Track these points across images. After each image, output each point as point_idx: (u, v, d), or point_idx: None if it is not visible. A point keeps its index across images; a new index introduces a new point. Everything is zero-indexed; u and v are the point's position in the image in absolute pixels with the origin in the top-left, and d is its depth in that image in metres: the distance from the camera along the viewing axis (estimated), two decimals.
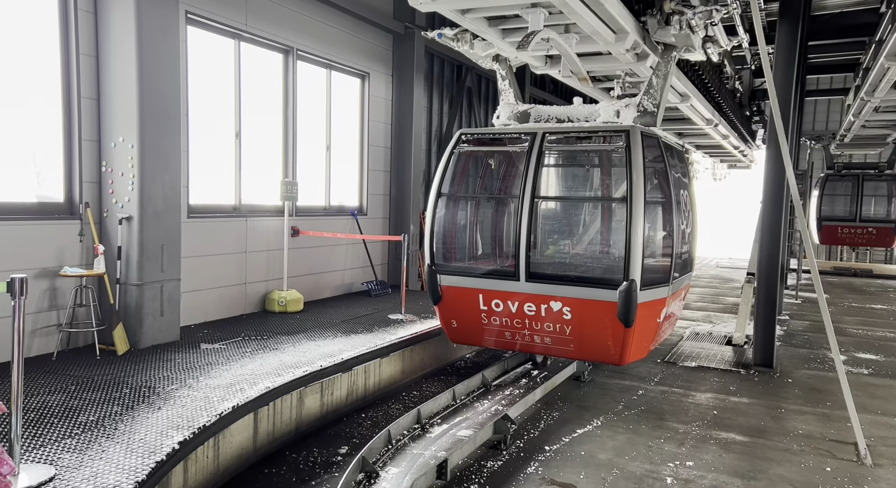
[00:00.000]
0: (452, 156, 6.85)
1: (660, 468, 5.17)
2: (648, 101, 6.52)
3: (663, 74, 6.61)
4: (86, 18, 6.66)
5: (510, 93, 7.45)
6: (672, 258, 6.27)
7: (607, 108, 6.66)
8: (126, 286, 6.81)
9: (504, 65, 7.47)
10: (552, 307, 6.18)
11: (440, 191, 6.81)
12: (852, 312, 12.92)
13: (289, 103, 9.52)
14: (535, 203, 6.32)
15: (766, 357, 8.33)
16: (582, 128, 6.55)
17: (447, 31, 6.73)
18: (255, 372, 5.92)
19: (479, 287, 6.54)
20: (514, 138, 6.76)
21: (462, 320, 6.82)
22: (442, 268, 6.81)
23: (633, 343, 6.04)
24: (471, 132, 7.06)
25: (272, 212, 9.24)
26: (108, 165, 6.81)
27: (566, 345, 6.35)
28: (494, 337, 6.71)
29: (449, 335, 7.09)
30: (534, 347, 6.61)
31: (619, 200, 6.48)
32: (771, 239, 8.39)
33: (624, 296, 5.77)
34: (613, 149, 6.39)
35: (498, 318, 6.54)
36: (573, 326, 6.19)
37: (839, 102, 23.11)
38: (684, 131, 14.66)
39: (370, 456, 4.92)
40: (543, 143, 6.41)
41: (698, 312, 12.43)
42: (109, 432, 4.44)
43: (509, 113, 7.17)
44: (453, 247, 7.24)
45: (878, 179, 19.52)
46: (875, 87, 10.99)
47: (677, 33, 6.51)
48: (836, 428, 6.14)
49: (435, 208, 6.80)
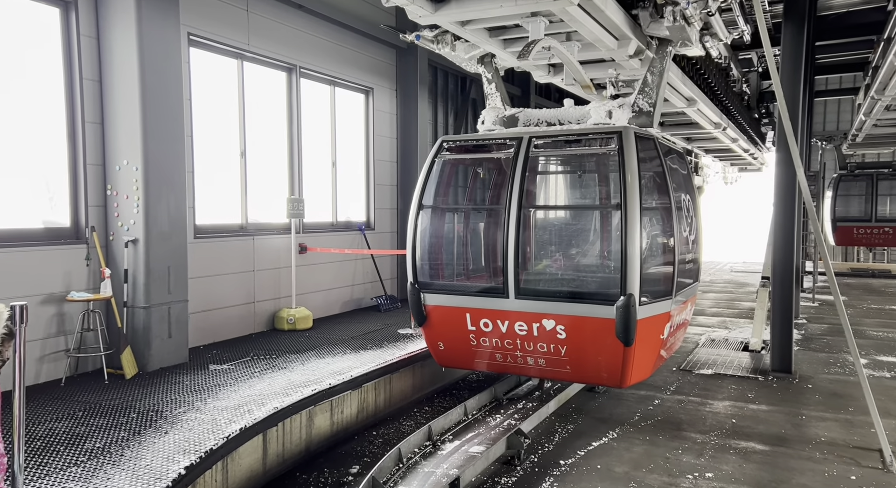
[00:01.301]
0: (434, 164, 6.40)
1: (678, 480, 5.03)
2: (644, 100, 6.09)
3: (658, 71, 6.18)
4: (88, 43, 6.71)
5: (497, 97, 7.05)
6: (674, 268, 5.83)
7: (598, 109, 6.21)
8: (133, 309, 6.80)
9: (490, 67, 7.08)
10: (545, 325, 5.73)
11: (421, 204, 6.37)
12: (871, 314, 12.66)
13: (293, 121, 9.54)
14: (523, 213, 5.88)
15: (785, 362, 8.15)
16: (571, 130, 6.08)
17: (426, 33, 6.28)
18: (264, 392, 5.86)
19: (467, 305, 6.08)
20: (499, 144, 6.32)
21: (449, 342, 6.35)
22: (426, 286, 6.34)
23: (635, 363, 5.60)
24: (453, 139, 6.62)
25: (279, 229, 9.23)
26: (113, 189, 6.83)
27: (562, 367, 5.90)
28: (485, 359, 6.24)
29: (436, 358, 6.62)
30: (527, 369, 6.14)
31: (613, 208, 6.11)
32: (784, 242, 8.25)
33: (622, 312, 5.31)
34: (606, 152, 5.88)
35: (488, 339, 6.07)
36: (568, 346, 5.73)
37: (849, 102, 22.86)
38: (692, 136, 14.55)
39: (380, 476, 4.83)
40: (530, 149, 5.97)
41: (713, 318, 12.24)
42: (115, 459, 4.39)
43: (494, 117, 6.73)
44: (437, 264, 6.74)
45: (893, 178, 19.25)
46: (885, 85, 10.84)
47: (671, 26, 6.08)
48: (860, 435, 5.96)
49: (416, 222, 6.35)
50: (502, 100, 7.05)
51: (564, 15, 5.34)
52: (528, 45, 5.45)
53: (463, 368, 7.23)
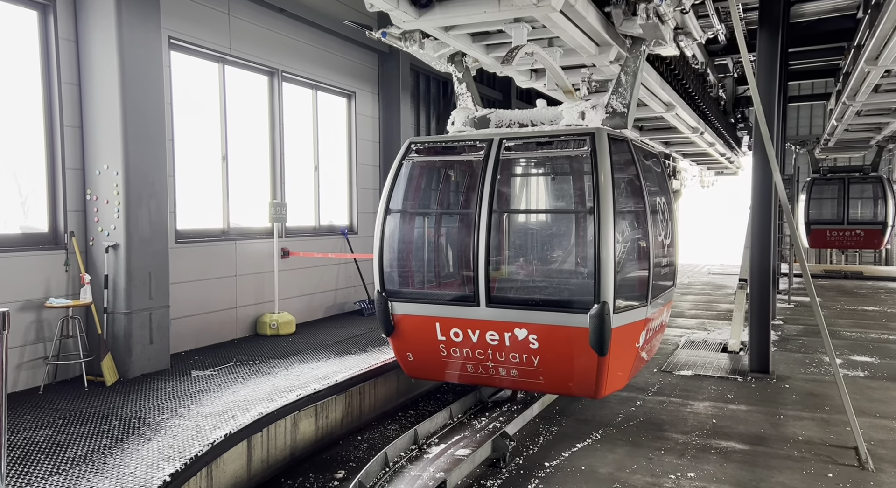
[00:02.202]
0: (402, 167, 6.17)
1: (661, 480, 5.10)
2: (617, 100, 5.89)
3: (632, 71, 6.00)
4: (67, 46, 6.63)
5: (468, 97, 6.79)
6: (650, 273, 5.66)
7: (571, 110, 6.00)
8: (114, 315, 6.71)
9: (460, 66, 6.82)
10: (517, 335, 5.51)
11: (388, 208, 6.10)
12: (845, 315, 12.95)
13: (275, 124, 9.50)
14: (494, 218, 5.68)
15: (763, 363, 8.30)
16: (543, 132, 5.88)
17: (392, 30, 5.99)
18: (248, 397, 5.82)
19: (436, 314, 5.84)
20: (469, 146, 6.09)
21: (419, 353, 6.11)
22: (394, 294, 6.07)
23: (610, 373, 5.43)
24: (421, 140, 6.36)
25: (261, 234, 9.18)
26: (92, 193, 6.74)
27: (535, 378, 5.70)
28: (456, 370, 6.02)
29: (405, 369, 6.38)
30: (499, 381, 5.94)
31: (585, 212, 5.87)
32: (761, 244, 8.41)
33: (595, 320, 5.13)
34: (578, 154, 5.65)
35: (458, 349, 5.84)
36: (541, 356, 5.53)
37: (822, 107, 23.38)
38: (671, 140, 14.76)
39: (367, 481, 4.83)
40: (501, 151, 5.76)
41: (692, 320, 12.41)
42: (98, 467, 4.33)
43: (465, 118, 6.49)
44: (406, 271, 6.45)
45: (864, 182, 19.72)
46: (856, 91, 11.13)
47: (644, 24, 5.89)
48: (836, 433, 6.10)
49: (383, 227, 6.07)
50: (474, 100, 6.82)
51: (547, 21, 5.40)
52: (512, 51, 5.50)
53: (433, 379, 6.99)
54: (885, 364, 8.82)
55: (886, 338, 10.64)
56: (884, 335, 10.85)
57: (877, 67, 9.05)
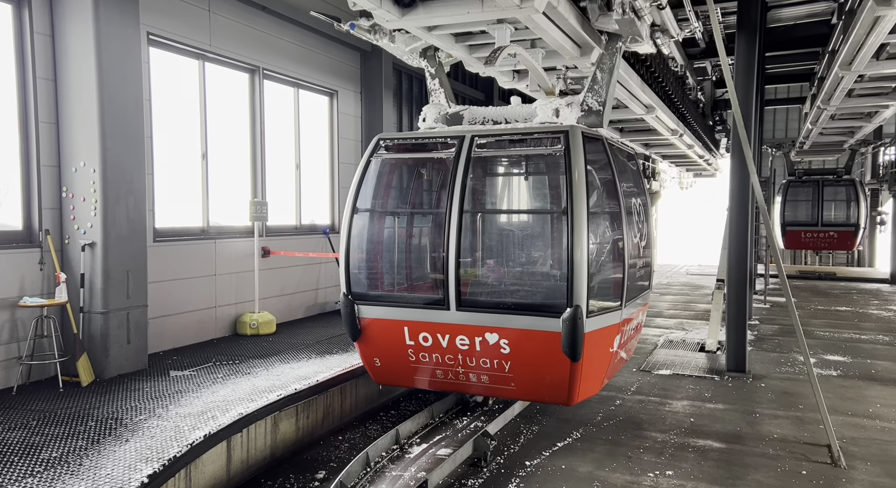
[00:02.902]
0: (370, 165, 5.93)
1: (640, 478, 5.16)
2: (593, 98, 5.71)
3: (608, 68, 5.83)
4: (42, 41, 6.51)
5: (441, 93, 6.55)
6: (625, 276, 5.50)
7: (545, 107, 5.79)
8: (90, 314, 6.61)
9: (433, 61, 6.58)
10: (488, 340, 5.33)
11: (355, 207, 5.87)
12: (819, 315, 13.20)
13: (256, 123, 9.42)
14: (465, 218, 5.46)
15: (739, 362, 8.43)
16: (516, 129, 5.69)
17: (362, 22, 5.77)
18: (228, 398, 5.77)
19: (404, 318, 5.62)
20: (440, 143, 5.86)
21: (386, 358, 5.88)
22: (361, 297, 5.82)
23: (583, 379, 5.26)
24: (390, 136, 6.12)
25: (242, 233, 9.09)
26: (68, 191, 6.63)
27: (506, 384, 5.52)
28: (425, 376, 5.83)
29: (373, 375, 6.14)
30: (470, 387, 5.76)
31: (558, 212, 5.65)
32: (738, 245, 8.54)
33: (568, 325, 4.97)
34: (552, 153, 5.50)
35: (427, 355, 5.63)
36: (512, 362, 5.35)
37: (797, 111, 23.78)
38: (650, 142, 14.94)
39: (348, 481, 4.81)
40: (473, 148, 5.56)
41: (671, 320, 12.57)
42: (74, 468, 4.27)
43: (436, 115, 6.26)
44: (373, 273, 6.22)
45: (837, 184, 20.13)
46: (830, 95, 11.35)
47: (620, 19, 5.74)
48: (810, 431, 6.22)
49: (350, 227, 5.84)
50: (447, 96, 6.58)
51: (529, 22, 5.43)
52: (495, 52, 5.52)
53: (402, 386, 6.74)
54: (857, 363, 9.01)
55: (858, 337, 10.88)
56: (856, 335, 11.09)
57: (850, 72, 9.25)
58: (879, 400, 7.26)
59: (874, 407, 7.01)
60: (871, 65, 8.92)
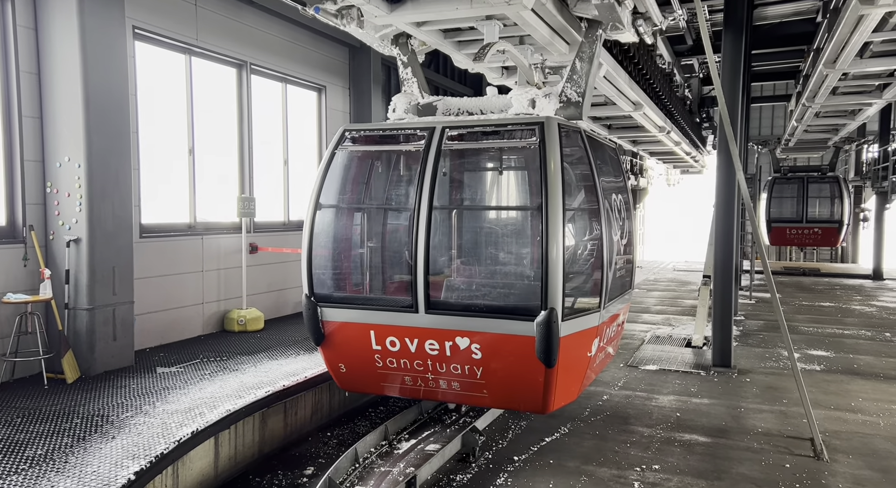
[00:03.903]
0: (334, 157, 5.58)
1: (627, 473, 5.20)
2: (572, 88, 5.41)
3: (588, 57, 5.53)
4: (25, 34, 6.42)
5: (413, 83, 6.19)
6: (604, 276, 5.18)
7: (520, 97, 5.44)
8: (75, 311, 6.55)
9: (405, 49, 6.25)
10: (458, 344, 5.00)
11: (318, 203, 5.54)
12: (803, 310, 13.36)
13: (244, 118, 9.36)
14: (435, 215, 5.14)
15: (725, 357, 8.52)
16: (489, 121, 5.36)
17: (328, 5, 5.38)
18: (215, 394, 5.75)
19: (370, 321, 5.27)
20: (409, 135, 5.50)
21: (352, 364, 5.52)
22: (324, 298, 5.46)
23: (558, 386, 4.96)
24: (357, 128, 5.74)
25: (229, 229, 9.04)
26: (53, 186, 6.56)
27: (478, 391, 5.20)
28: (393, 383, 5.47)
29: (338, 382, 5.77)
30: (441, 394, 5.44)
31: (532, 209, 5.37)
32: (725, 241, 8.62)
33: (542, 328, 4.66)
34: (526, 145, 5.16)
35: (395, 360, 5.29)
36: (484, 368, 5.03)
37: (782, 108, 24.02)
38: (638, 139, 15.02)
39: (337, 477, 4.82)
40: (443, 141, 5.21)
41: (658, 316, 12.66)
42: (59, 466, 4.24)
43: (406, 105, 5.89)
44: (338, 273, 5.86)
45: (822, 181, 20.36)
46: (815, 93, 11.48)
47: (600, 4, 5.48)
48: (793, 425, 6.30)
49: (312, 224, 5.49)
50: (420, 87, 6.21)
51: (518, 19, 5.44)
52: (484, 48, 5.51)
53: (369, 393, 6.39)
54: (840, 358, 9.14)
55: (841, 332, 11.03)
56: (839, 330, 11.24)
57: (835, 70, 9.35)
58: (861, 394, 7.37)
59: (856, 401, 7.11)
60: (855, 63, 9.03)
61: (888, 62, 9.22)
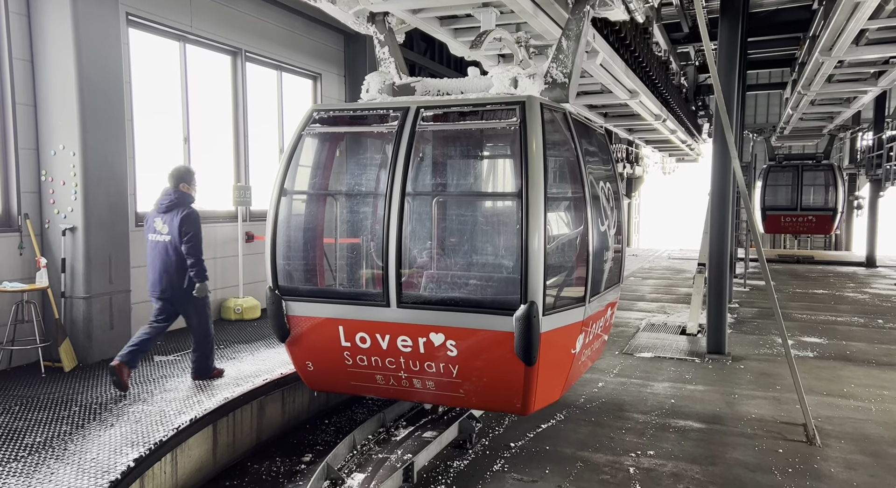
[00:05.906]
0: (301, 140, 5.13)
1: (622, 459, 5.26)
2: (558, 68, 5.06)
3: (575, 35, 5.16)
4: (18, 21, 6.36)
5: (391, 62, 5.83)
6: (589, 268, 4.79)
7: (501, 76, 5.02)
8: (72, 299, 6.54)
9: (382, 27, 5.89)
10: (433, 341, 4.63)
11: (283, 189, 5.10)
12: (797, 298, 13.46)
13: (239, 106, 9.31)
14: (407, 201, 4.74)
15: (719, 344, 8.59)
16: (466, 100, 4.92)
17: None
18: (213, 382, 5.76)
19: (338, 316, 4.87)
20: (382, 116, 5.04)
21: (320, 361, 5.13)
22: (289, 292, 5.04)
23: (539, 385, 4.58)
24: (326, 108, 5.25)
25: (225, 217, 9.02)
26: (48, 174, 6.53)
27: (454, 391, 4.83)
28: (364, 382, 5.07)
29: (306, 381, 5.34)
30: (415, 394, 5.06)
31: (512, 196, 5.06)
32: (720, 229, 8.66)
33: (522, 324, 4.28)
34: (506, 126, 4.68)
35: (366, 358, 4.90)
36: (461, 366, 4.66)
37: (778, 96, 24.02)
38: (634, 127, 15.02)
39: (335, 463, 4.86)
40: (417, 122, 4.78)
41: (653, 303, 12.73)
42: (59, 453, 4.26)
43: (381, 85, 5.46)
44: (304, 265, 5.48)
45: (816, 169, 20.42)
46: (810, 81, 11.49)
47: None
48: (787, 411, 6.38)
49: (276, 211, 5.07)
50: (398, 67, 5.84)
51: (515, 6, 5.43)
52: (481, 36, 5.49)
53: (339, 392, 6.09)
54: (833, 344, 9.22)
55: (834, 319, 11.12)
56: (832, 317, 11.33)
57: (830, 58, 9.36)
58: (854, 380, 7.46)
59: (848, 386, 7.20)
60: (850, 50, 9.04)
61: (884, 50, 9.24)
